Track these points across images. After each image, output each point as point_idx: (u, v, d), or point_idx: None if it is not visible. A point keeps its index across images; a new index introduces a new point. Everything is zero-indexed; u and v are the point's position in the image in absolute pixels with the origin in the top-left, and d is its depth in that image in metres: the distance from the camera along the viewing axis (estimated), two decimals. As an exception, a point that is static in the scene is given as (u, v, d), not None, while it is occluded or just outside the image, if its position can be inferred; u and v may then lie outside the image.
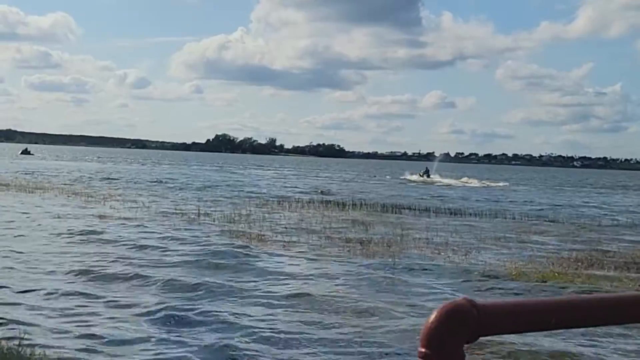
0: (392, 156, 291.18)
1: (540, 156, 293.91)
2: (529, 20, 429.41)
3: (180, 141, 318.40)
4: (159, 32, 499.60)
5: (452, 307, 1.35)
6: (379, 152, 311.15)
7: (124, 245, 16.05)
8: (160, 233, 18.59)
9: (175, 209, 24.71)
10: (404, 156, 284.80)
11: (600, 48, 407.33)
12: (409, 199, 36.70)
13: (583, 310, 1.48)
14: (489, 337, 1.42)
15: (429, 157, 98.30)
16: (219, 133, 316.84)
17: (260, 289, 11.86)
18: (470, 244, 18.19)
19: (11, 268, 12.80)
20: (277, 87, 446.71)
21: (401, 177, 72.32)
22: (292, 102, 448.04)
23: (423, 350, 1.34)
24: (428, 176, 68.79)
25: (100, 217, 21.86)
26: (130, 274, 12.71)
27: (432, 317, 1.36)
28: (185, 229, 19.58)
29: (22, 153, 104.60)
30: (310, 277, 13.02)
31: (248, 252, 15.68)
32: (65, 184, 37.93)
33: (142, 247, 15.79)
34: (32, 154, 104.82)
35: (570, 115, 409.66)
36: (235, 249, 16.01)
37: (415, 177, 69.73)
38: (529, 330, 1.45)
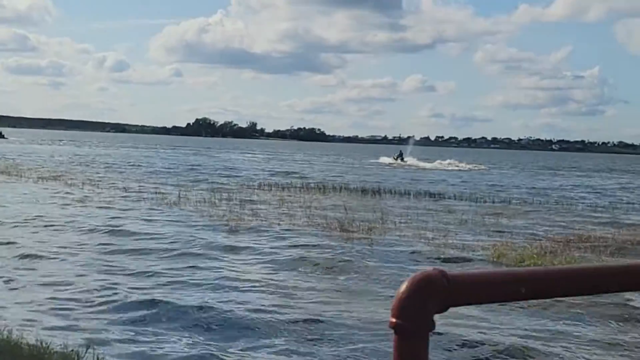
0: (372, 140, 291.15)
1: (519, 139, 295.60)
2: (508, 4, 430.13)
3: (160, 125, 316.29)
4: (138, 14, 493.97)
5: (422, 277, 1.35)
6: (360, 135, 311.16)
7: (101, 230, 15.91)
8: (140, 217, 18.48)
9: (156, 193, 24.54)
10: (385, 140, 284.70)
11: (579, 31, 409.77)
12: (389, 182, 36.77)
13: (553, 280, 1.49)
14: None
15: (410, 140, 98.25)
16: (200, 117, 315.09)
17: (237, 273, 11.86)
18: (449, 227, 18.28)
19: None
20: (257, 70, 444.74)
21: (371, 161, 72.09)
22: (273, 85, 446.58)
23: (394, 320, 1.33)
24: (402, 159, 68.61)
25: (79, 201, 21.71)
26: (110, 260, 12.65)
27: (403, 287, 1.35)
28: (165, 213, 19.48)
29: None
30: (289, 260, 13.03)
31: (227, 236, 15.67)
32: (42, 168, 37.50)
33: (121, 232, 15.68)
34: (6, 138, 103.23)
35: (548, 98, 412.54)
36: (216, 232, 15.99)
37: (389, 161, 69.54)
38: (500, 300, 1.45)
